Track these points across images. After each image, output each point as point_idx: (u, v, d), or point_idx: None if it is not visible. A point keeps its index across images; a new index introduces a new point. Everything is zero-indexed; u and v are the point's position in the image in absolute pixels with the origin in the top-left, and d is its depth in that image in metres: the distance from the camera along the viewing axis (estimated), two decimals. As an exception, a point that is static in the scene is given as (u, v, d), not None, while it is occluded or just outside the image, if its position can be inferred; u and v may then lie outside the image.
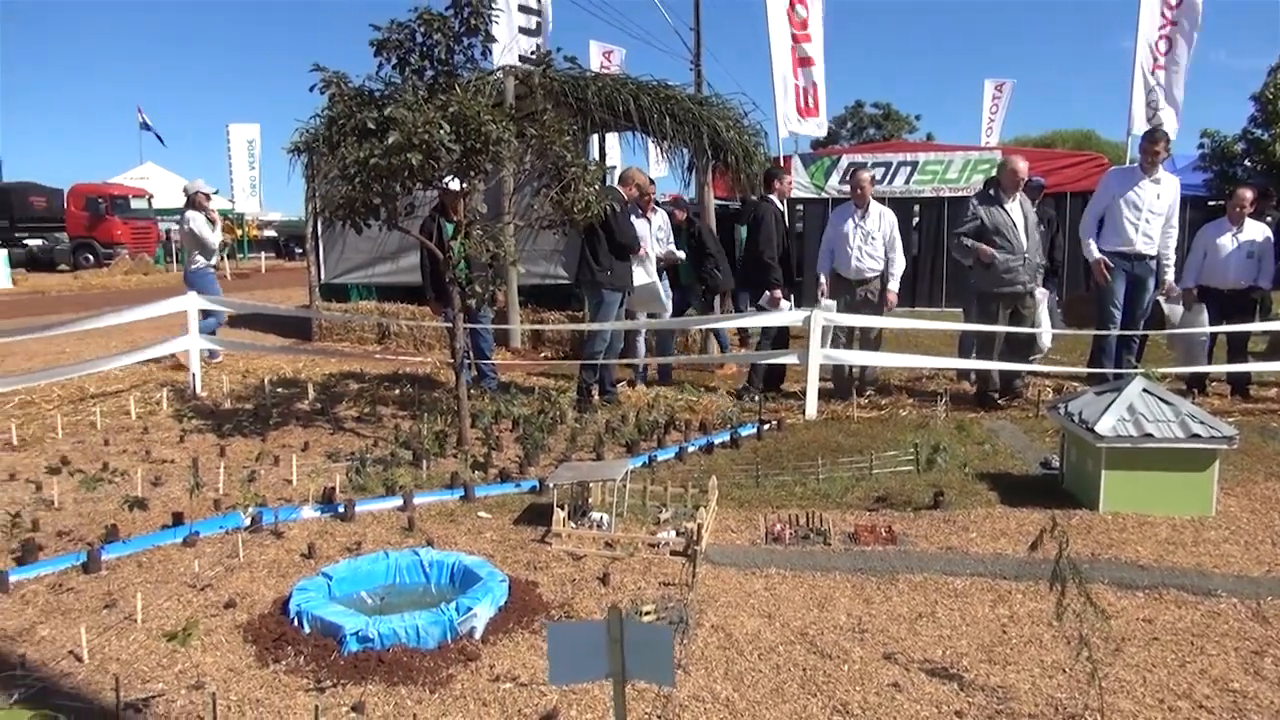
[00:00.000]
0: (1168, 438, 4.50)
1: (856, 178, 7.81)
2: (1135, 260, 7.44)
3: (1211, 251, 7.84)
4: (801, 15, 13.30)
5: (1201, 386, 7.86)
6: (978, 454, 5.74)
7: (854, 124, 50.26)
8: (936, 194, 15.39)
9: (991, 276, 7.20)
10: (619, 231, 7.29)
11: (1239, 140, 15.81)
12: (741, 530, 4.43)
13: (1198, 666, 3.03)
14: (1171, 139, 12.69)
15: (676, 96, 9.89)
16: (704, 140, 9.81)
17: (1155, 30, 11.96)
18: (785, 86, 13.20)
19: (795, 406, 7.25)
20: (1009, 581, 3.75)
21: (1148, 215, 7.40)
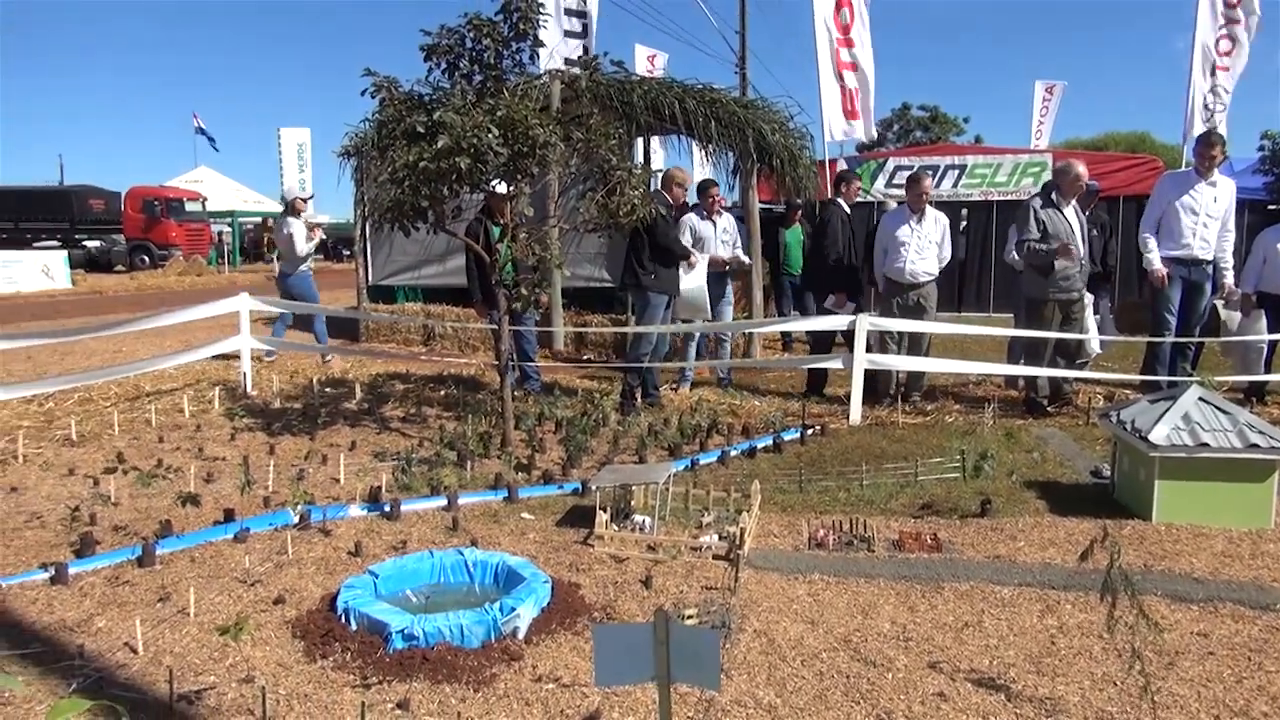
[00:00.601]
0: (1224, 447, 4.39)
1: (917, 183, 7.72)
2: (1192, 265, 7.28)
3: (1271, 256, 7.64)
4: (845, 20, 13.23)
5: (1260, 395, 7.65)
6: (1026, 462, 5.65)
7: (900, 126, 49.72)
8: (985, 197, 15.19)
9: (1045, 282, 7.08)
10: (661, 235, 7.30)
11: (1301, 142, 15.36)
12: (784, 535, 4.41)
13: (1255, 683, 2.95)
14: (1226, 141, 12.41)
15: (722, 100, 9.87)
16: (749, 143, 9.77)
17: (1213, 30, 11.67)
18: (830, 90, 13.14)
19: (840, 411, 7.20)
20: (1058, 592, 3.68)
21: (1205, 219, 7.24)
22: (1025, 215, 7.20)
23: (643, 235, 7.24)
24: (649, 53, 20.97)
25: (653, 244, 7.33)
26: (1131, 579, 2.78)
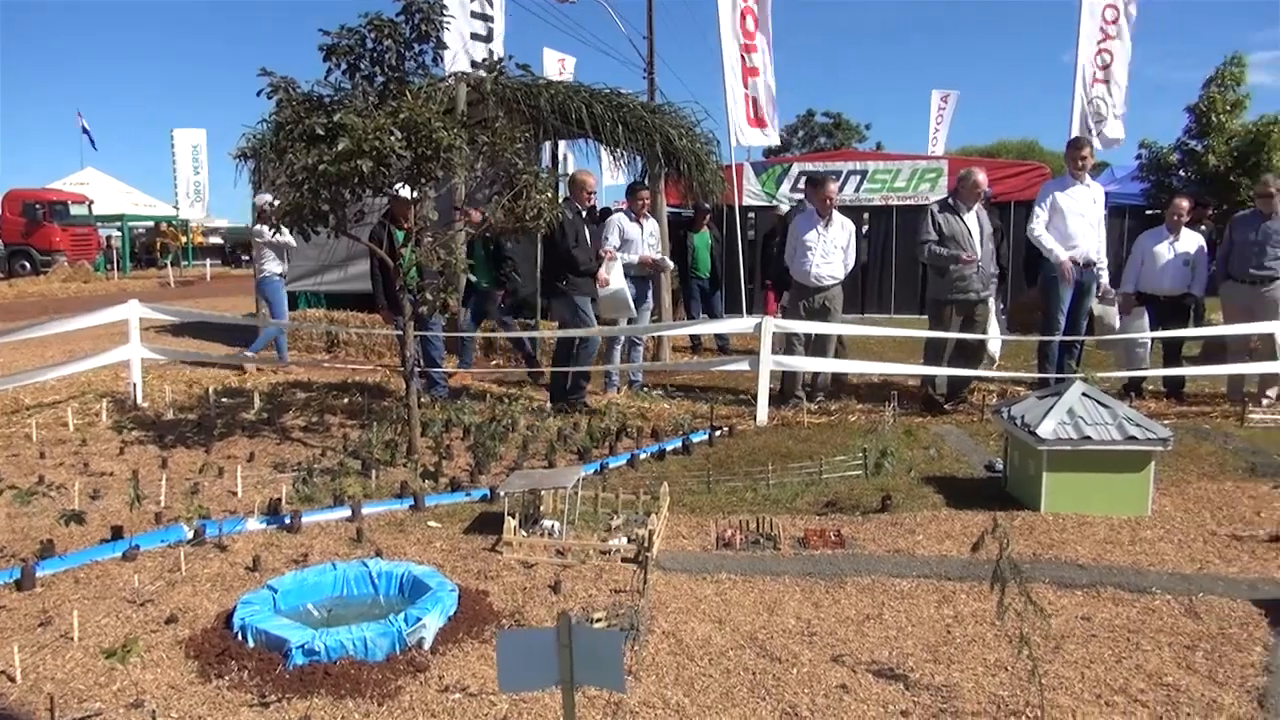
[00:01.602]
0: (1105, 440, 4.63)
1: (821, 186, 7.88)
2: (1082, 267, 7.64)
3: (1149, 259, 8.08)
4: (750, 26, 13.45)
5: (1139, 390, 8.09)
6: (924, 458, 5.84)
7: (805, 133, 50.82)
8: (885, 202, 15.64)
9: (946, 284, 7.36)
10: (565, 244, 7.33)
11: (1175, 151, 16.29)
12: (693, 536, 4.46)
13: (1133, 662, 3.12)
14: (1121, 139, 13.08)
15: (629, 104, 9.93)
16: (657, 148, 9.86)
17: (1094, 44, 12.29)
18: (736, 96, 13.33)
19: (747, 413, 7.32)
20: (954, 582, 3.82)
21: (1088, 222, 7.63)
22: (924, 219, 7.48)
23: (553, 244, 7.27)
24: (558, 56, 20.92)
25: (560, 253, 7.35)
26: (1020, 568, 2.90)
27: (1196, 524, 4.57)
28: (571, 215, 7.49)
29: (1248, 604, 3.57)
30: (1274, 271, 7.50)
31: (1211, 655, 3.16)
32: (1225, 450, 6.08)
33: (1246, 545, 4.25)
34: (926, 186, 15.54)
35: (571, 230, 7.41)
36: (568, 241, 7.35)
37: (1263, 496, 4.97)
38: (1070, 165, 7.83)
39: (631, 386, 8.46)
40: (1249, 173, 14.69)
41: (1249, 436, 6.48)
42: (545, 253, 7.55)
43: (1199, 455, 5.92)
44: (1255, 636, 3.30)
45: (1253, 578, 3.86)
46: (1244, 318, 7.66)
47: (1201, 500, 4.97)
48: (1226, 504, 4.89)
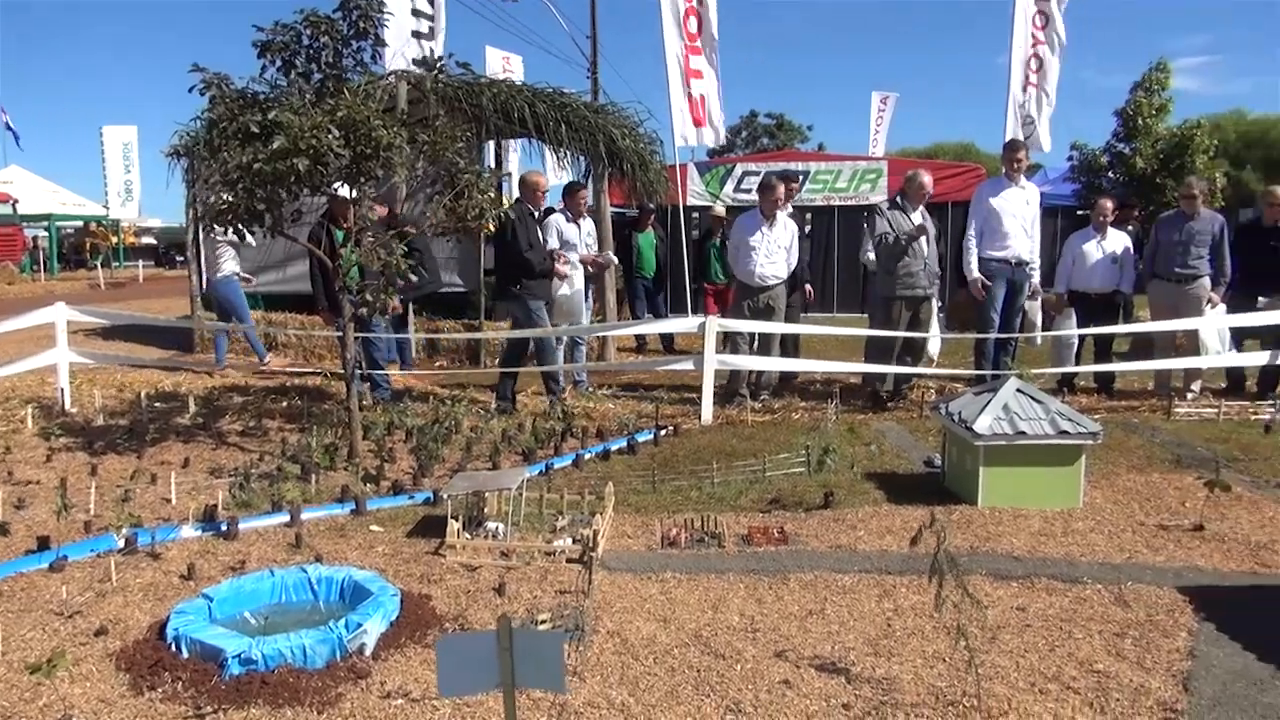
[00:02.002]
0: (1039, 435, 4.74)
1: (770, 189, 7.93)
2: (1015, 266, 7.84)
3: (1079, 258, 8.31)
4: (693, 28, 13.51)
5: (1071, 386, 8.32)
6: (865, 455, 5.93)
7: (748, 133, 51.21)
8: (827, 202, 15.83)
9: (894, 281, 7.49)
10: (519, 247, 7.30)
11: (1104, 153, 16.80)
12: (638, 536, 4.46)
13: (1066, 650, 3.20)
14: (1047, 149, 13.44)
15: (572, 104, 9.89)
16: (600, 148, 9.83)
17: (1026, 49, 12.60)
18: (679, 96, 13.37)
19: (692, 412, 7.35)
20: (894, 576, 3.88)
21: (1021, 222, 7.83)
22: (876, 217, 7.63)
23: (505, 246, 7.25)
24: (502, 55, 20.76)
25: (513, 256, 7.32)
26: (957, 561, 2.96)
27: (1126, 515, 4.71)
28: (524, 217, 7.45)
29: (1173, 591, 3.69)
30: (1197, 270, 7.77)
31: (1140, 642, 3.26)
32: (1153, 443, 6.28)
33: (1172, 535, 4.40)
34: (867, 187, 15.78)
35: (524, 232, 7.37)
36: (520, 244, 7.32)
37: (1187, 487, 5.14)
38: (1006, 167, 8.04)
39: (576, 386, 8.45)
40: (1174, 174, 15.23)
41: (1175, 430, 6.70)
42: (497, 255, 7.50)
43: (1128, 448, 6.11)
44: (1180, 623, 3.41)
45: (1178, 566, 3.99)
46: (1170, 315, 7.91)
47: (1130, 492, 5.13)
48: (1154, 495, 5.05)
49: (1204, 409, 7.23)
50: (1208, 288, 7.78)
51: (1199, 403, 7.49)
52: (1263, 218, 8.09)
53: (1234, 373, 8.29)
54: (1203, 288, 7.77)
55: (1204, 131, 16.02)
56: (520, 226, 7.34)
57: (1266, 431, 6.57)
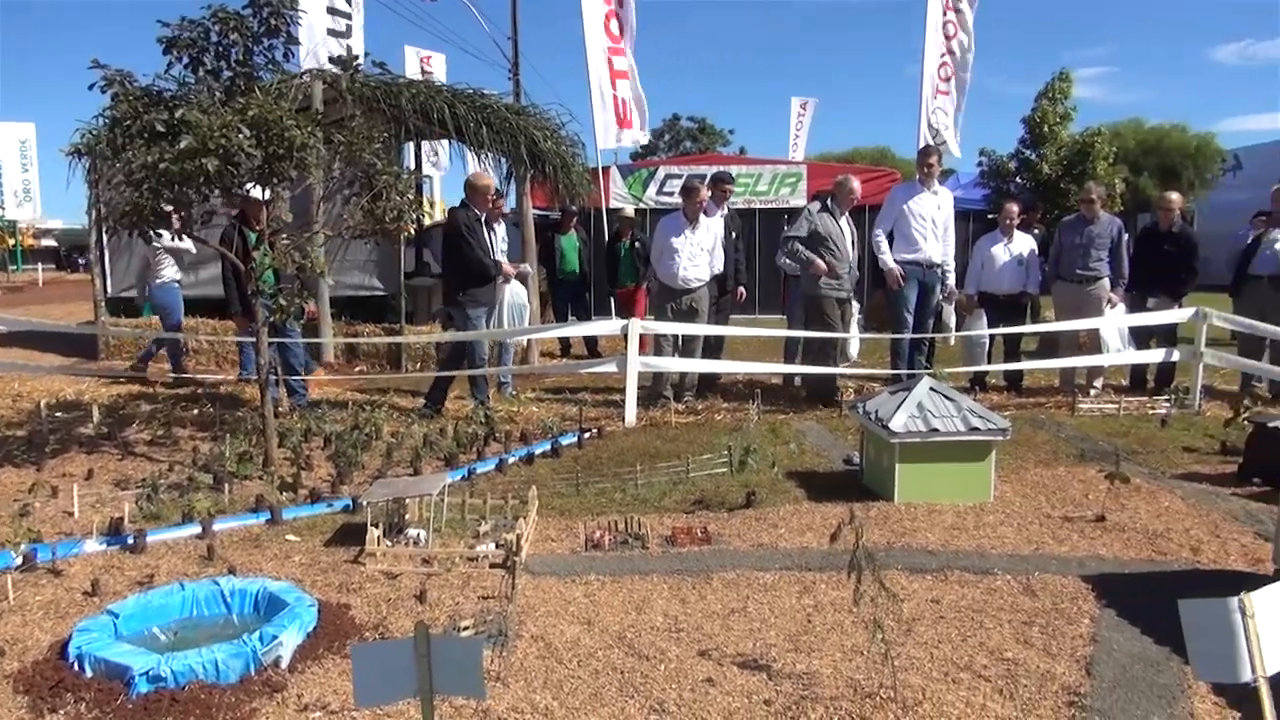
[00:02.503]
0: (951, 432, 4.89)
1: (693, 192, 7.97)
2: (926, 268, 8.07)
3: (987, 261, 8.60)
4: (616, 29, 13.56)
5: (983, 384, 8.60)
6: (786, 454, 6.02)
7: (671, 136, 51.53)
8: (748, 205, 16.04)
9: (819, 281, 7.65)
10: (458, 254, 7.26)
11: (1012, 159, 17.41)
12: (562, 539, 4.45)
13: (977, 639, 3.31)
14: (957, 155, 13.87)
15: (493, 105, 9.84)
16: (521, 150, 9.81)
17: (938, 57, 12.99)
18: (603, 98, 13.40)
19: (616, 414, 7.36)
20: (814, 573, 3.95)
21: (932, 225, 8.06)
22: (801, 217, 7.78)
23: (457, 254, 7.22)
24: (422, 54, 20.47)
25: (467, 264, 7.26)
26: (875, 556, 3.03)
27: (1033, 508, 4.89)
28: (471, 223, 7.36)
29: (1077, 580, 3.85)
30: (1097, 272, 8.14)
31: (1046, 630, 3.38)
32: (1058, 438, 6.53)
33: (1076, 526, 4.58)
34: (787, 190, 16.06)
35: (471, 237, 7.30)
36: (473, 251, 7.28)
37: (1090, 480, 5.36)
38: (919, 172, 8.28)
39: (501, 390, 8.38)
40: (1077, 180, 15.87)
41: (1079, 425, 6.99)
42: (444, 261, 7.46)
43: (1035, 444, 6.34)
44: (1084, 610, 3.55)
45: (1082, 555, 4.16)
46: (1073, 315, 8.25)
47: (1038, 485, 5.32)
48: (1059, 488, 5.26)
49: (1106, 405, 7.55)
50: (1107, 288, 8.16)
51: (1101, 399, 7.81)
52: (1159, 222, 8.50)
53: (1136, 370, 8.68)
54: (1103, 288, 8.14)
55: (1104, 139, 16.74)
56: (469, 233, 7.28)
57: (1163, 425, 6.90)
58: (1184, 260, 8.22)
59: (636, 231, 10.97)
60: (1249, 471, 5.39)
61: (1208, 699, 2.86)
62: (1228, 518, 4.68)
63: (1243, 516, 4.70)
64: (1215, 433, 6.49)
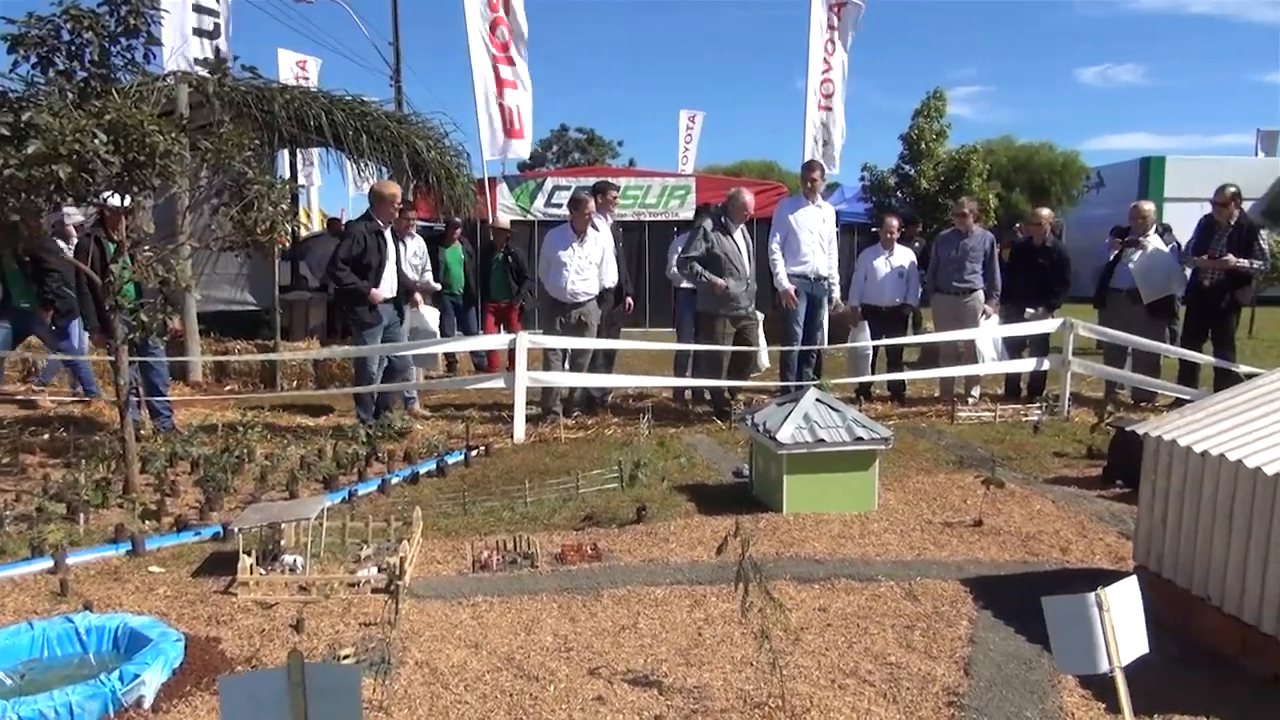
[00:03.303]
0: (837, 441, 5.06)
1: (581, 204, 7.97)
2: (814, 281, 8.32)
3: (870, 273, 8.95)
4: (503, 38, 13.51)
5: (868, 394, 8.91)
6: (677, 468, 6.10)
7: (559, 148, 51.63)
8: (638, 218, 16.21)
9: (716, 300, 7.75)
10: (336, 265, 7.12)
11: (892, 174, 18.16)
12: (448, 561, 4.39)
13: (863, 645, 3.43)
14: (835, 171, 14.37)
15: (373, 113, 9.68)
16: (403, 160, 9.68)
17: (820, 73, 13.45)
18: (489, 108, 13.32)
19: (504, 431, 7.31)
20: (705, 586, 4.02)
21: (818, 239, 8.32)
22: (695, 234, 7.86)
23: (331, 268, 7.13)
24: (296, 58, 19.91)
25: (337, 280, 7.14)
26: (762, 567, 3.11)
27: (915, 514, 5.10)
28: (364, 236, 7.19)
29: (957, 583, 4.03)
30: (972, 284, 8.56)
31: (927, 633, 3.54)
32: (939, 446, 6.83)
33: (956, 531, 4.80)
34: (676, 203, 16.29)
35: (352, 252, 7.17)
36: (340, 265, 7.17)
37: (968, 486, 5.62)
38: (804, 186, 8.54)
39: (407, 405, 8.21)
40: (953, 195, 16.67)
41: (958, 433, 7.32)
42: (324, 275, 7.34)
43: (917, 452, 6.61)
44: (962, 612, 3.73)
45: (960, 559, 4.36)
46: (951, 325, 8.66)
47: (920, 493, 5.55)
48: (940, 495, 5.50)
49: (983, 413, 7.94)
50: (982, 300, 8.59)
51: (979, 407, 8.21)
52: (1032, 237, 9.01)
53: (1010, 379, 9.15)
54: (977, 300, 8.57)
55: (979, 156, 17.68)
56: (352, 246, 7.14)
57: (1035, 431, 7.30)
58: (1056, 273, 8.72)
59: (512, 244, 10.80)
60: (1112, 474, 5.77)
61: (1075, 692, 3.04)
62: (1094, 519, 5.00)
63: (1107, 517, 5.03)
64: (1082, 438, 6.91)
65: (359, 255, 7.20)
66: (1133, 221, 8.70)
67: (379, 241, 7.31)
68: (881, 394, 9.08)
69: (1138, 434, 3.77)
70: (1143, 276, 8.40)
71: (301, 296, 11.75)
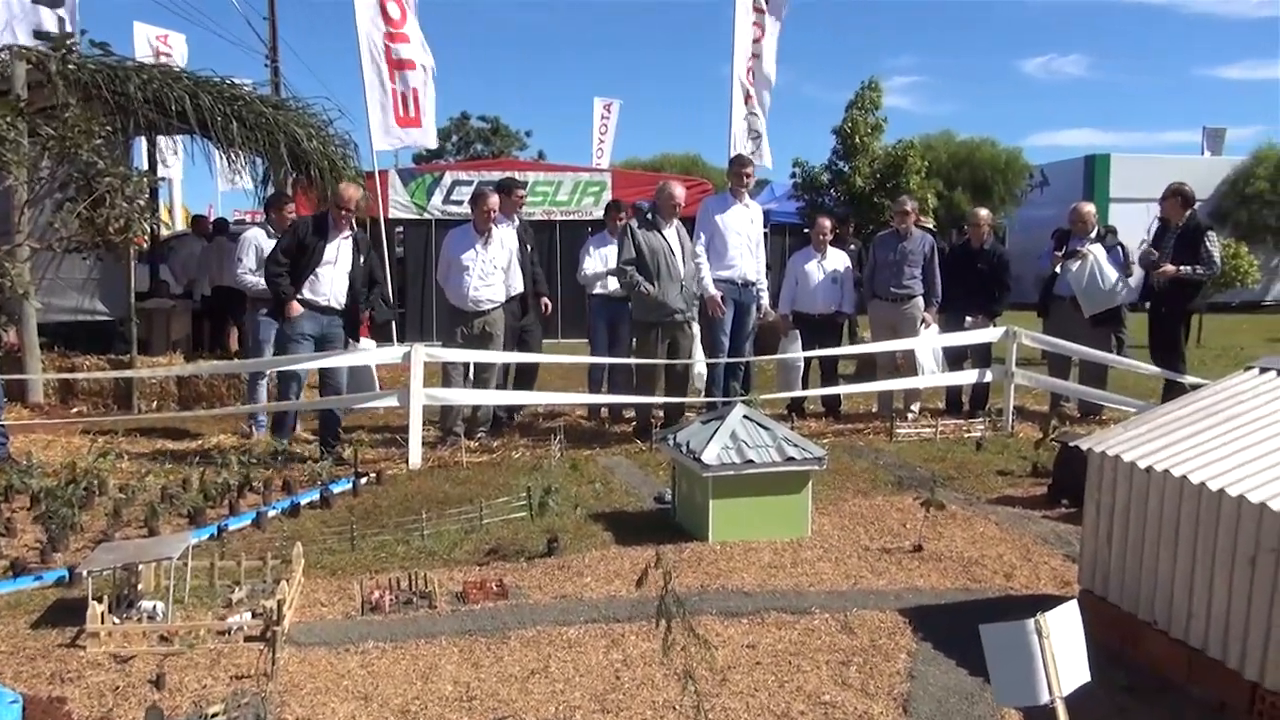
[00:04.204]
0: (767, 462, 5.15)
1: (482, 200, 7.93)
2: (742, 287, 8.39)
3: (801, 278, 9.13)
4: (395, 14, 13.37)
5: (800, 410, 9.08)
6: (592, 493, 6.13)
7: (460, 137, 51.35)
8: (548, 217, 16.22)
9: (649, 305, 7.77)
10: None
11: (826, 170, 18.53)
12: (334, 603, 4.32)
13: (795, 684, 3.50)
14: (768, 165, 14.61)
15: (245, 97, 9.49)
16: (281, 150, 9.50)
17: (747, 60, 13.67)
18: (380, 92, 13.16)
19: (398, 455, 7.23)
20: (623, 624, 4.05)
21: (746, 241, 8.42)
22: (623, 237, 7.86)
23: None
24: (157, 33, 19.36)
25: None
26: (685, 601, 3.15)
27: (852, 540, 5.22)
28: (303, 232, 7.21)
29: (895, 614, 4.15)
30: (911, 290, 8.81)
31: (864, 669, 3.63)
32: (877, 466, 7.01)
33: (894, 557, 4.94)
34: (590, 200, 16.36)
35: (285, 246, 7.11)
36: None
37: (907, 509, 5.79)
38: (732, 182, 8.62)
39: (257, 429, 8.04)
40: (890, 193, 17.06)
41: (897, 451, 7.53)
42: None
43: (853, 472, 6.78)
44: (900, 645, 3.84)
45: (899, 588, 4.48)
46: (889, 334, 8.90)
47: (856, 517, 5.69)
48: (877, 519, 5.64)
49: (923, 429, 8.17)
50: (921, 307, 8.83)
51: (918, 423, 8.45)
52: (970, 239, 9.32)
53: (951, 392, 9.44)
54: (916, 307, 8.82)
55: (916, 152, 18.16)
56: (281, 240, 7.07)
57: (978, 448, 7.56)
58: (997, 278, 9.03)
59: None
60: (1058, 493, 6.01)
61: (1019, 727, 3.17)
62: (1039, 541, 5.20)
63: (1053, 539, 5.23)
64: (1027, 454, 7.17)
65: (293, 250, 7.13)
66: (1073, 224, 9.05)
67: (316, 242, 7.19)
68: (815, 410, 9.27)
69: (1082, 450, 3.95)
70: (1082, 292, 8.72)
71: (163, 305, 11.41)
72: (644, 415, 8.22)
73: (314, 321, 7.33)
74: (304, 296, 7.25)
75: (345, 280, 7.39)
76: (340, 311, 7.42)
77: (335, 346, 7.45)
